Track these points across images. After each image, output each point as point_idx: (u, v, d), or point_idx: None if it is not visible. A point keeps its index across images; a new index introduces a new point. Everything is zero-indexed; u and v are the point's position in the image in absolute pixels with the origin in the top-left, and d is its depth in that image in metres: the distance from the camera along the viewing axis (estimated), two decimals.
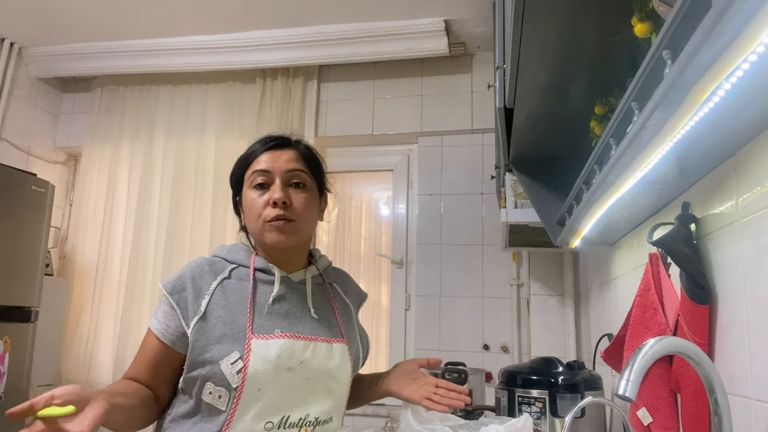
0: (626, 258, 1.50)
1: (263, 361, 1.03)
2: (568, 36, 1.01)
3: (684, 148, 0.80)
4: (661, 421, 1.04)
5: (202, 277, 1.10)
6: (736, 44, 0.53)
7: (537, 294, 2.54)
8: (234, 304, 1.08)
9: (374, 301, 3.05)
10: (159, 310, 1.10)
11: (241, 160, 1.18)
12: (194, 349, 1.04)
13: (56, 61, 3.21)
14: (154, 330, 1.08)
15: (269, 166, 1.12)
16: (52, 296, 2.84)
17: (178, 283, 1.09)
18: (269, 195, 1.10)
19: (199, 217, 3.06)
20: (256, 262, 1.14)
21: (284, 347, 1.05)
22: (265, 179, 1.12)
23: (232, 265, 1.14)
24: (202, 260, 1.14)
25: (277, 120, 3.05)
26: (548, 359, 1.63)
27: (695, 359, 0.74)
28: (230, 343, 1.03)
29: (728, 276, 0.88)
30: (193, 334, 1.04)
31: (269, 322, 1.08)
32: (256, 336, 1.05)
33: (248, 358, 1.02)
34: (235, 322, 1.06)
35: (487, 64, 2.95)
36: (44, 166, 3.30)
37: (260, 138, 1.20)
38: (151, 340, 1.08)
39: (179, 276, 1.10)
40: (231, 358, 1.02)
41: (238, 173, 1.18)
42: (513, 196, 1.85)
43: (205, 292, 1.08)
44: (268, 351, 1.04)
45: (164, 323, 1.07)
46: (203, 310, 1.06)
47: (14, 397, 2.47)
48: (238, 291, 1.10)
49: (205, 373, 1.03)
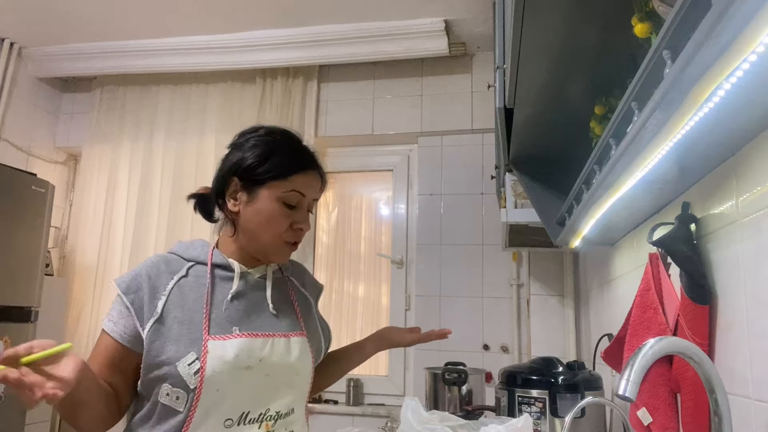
0: (626, 258, 1.50)
1: (221, 362, 1.02)
2: (568, 36, 1.01)
3: (684, 148, 0.80)
4: (661, 421, 1.04)
5: (159, 277, 1.07)
6: (736, 44, 0.53)
7: (537, 294, 2.54)
8: (191, 303, 1.06)
9: (374, 301, 3.05)
10: (113, 309, 1.06)
11: (282, 163, 1.10)
12: (150, 350, 1.02)
13: (56, 61, 3.21)
14: (109, 331, 1.04)
15: (306, 192, 1.12)
16: (52, 296, 2.84)
17: (134, 282, 1.06)
18: (295, 219, 1.11)
19: (198, 216, 3.04)
20: (215, 257, 1.12)
21: (242, 347, 1.04)
22: (297, 201, 1.11)
23: (189, 262, 1.11)
24: (159, 258, 1.11)
25: (277, 120, 3.05)
26: (548, 359, 1.63)
27: (695, 359, 0.74)
28: (186, 345, 1.02)
29: (728, 276, 0.88)
30: (148, 336, 1.02)
31: (227, 320, 1.07)
32: (213, 337, 1.03)
33: (205, 359, 1.01)
34: (191, 323, 1.04)
35: (487, 64, 2.95)
36: (44, 166, 3.30)
37: (295, 141, 1.15)
38: (106, 340, 1.05)
39: (135, 275, 1.07)
40: (188, 359, 1.00)
41: (268, 170, 1.10)
42: (513, 196, 1.85)
43: (161, 293, 1.05)
44: (225, 352, 1.03)
45: (120, 323, 1.04)
46: (159, 312, 1.03)
47: (14, 397, 2.47)
48: (195, 289, 1.08)
49: (162, 374, 1.01)
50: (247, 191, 1.10)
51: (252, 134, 1.16)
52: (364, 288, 3.08)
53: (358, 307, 3.06)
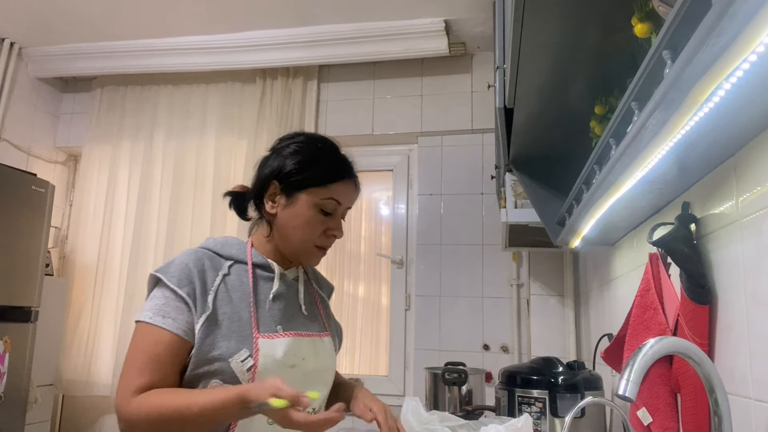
0: (626, 258, 1.50)
1: (271, 360, 1.05)
2: (568, 36, 1.01)
3: (684, 148, 0.80)
4: (661, 421, 1.04)
5: (206, 272, 1.08)
6: (736, 44, 0.53)
7: (537, 294, 2.54)
8: (237, 301, 1.08)
9: (374, 301, 3.04)
10: (166, 304, 1.03)
11: (323, 171, 1.13)
12: (202, 346, 1.02)
13: (56, 61, 3.21)
14: (170, 327, 1.01)
15: (342, 201, 1.15)
16: (52, 296, 2.84)
17: (184, 275, 1.05)
18: (329, 225, 1.14)
19: (199, 216, 3.06)
20: (254, 257, 1.14)
21: (289, 345, 1.08)
22: (333, 209, 1.14)
23: (229, 260, 1.13)
24: (200, 253, 1.11)
25: (277, 120, 3.05)
26: (548, 359, 1.63)
27: (695, 359, 0.74)
28: (238, 341, 1.04)
29: (728, 276, 0.88)
30: (201, 330, 1.02)
31: (271, 319, 1.10)
32: (262, 335, 1.06)
33: (257, 356, 1.03)
34: (240, 320, 1.06)
35: (487, 64, 2.95)
36: (44, 166, 3.30)
37: (335, 150, 1.18)
38: (166, 337, 1.01)
39: (182, 268, 1.06)
40: (240, 356, 1.02)
41: (309, 176, 1.12)
42: (513, 196, 1.85)
43: (210, 288, 1.06)
44: (274, 350, 1.06)
45: (180, 319, 1.02)
46: (211, 307, 1.04)
47: (14, 397, 2.47)
48: (239, 287, 1.10)
49: (213, 369, 1.02)
50: (286, 195, 1.13)
51: (292, 140, 1.18)
52: (364, 288, 3.08)
53: (358, 307, 3.06)
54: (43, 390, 2.76)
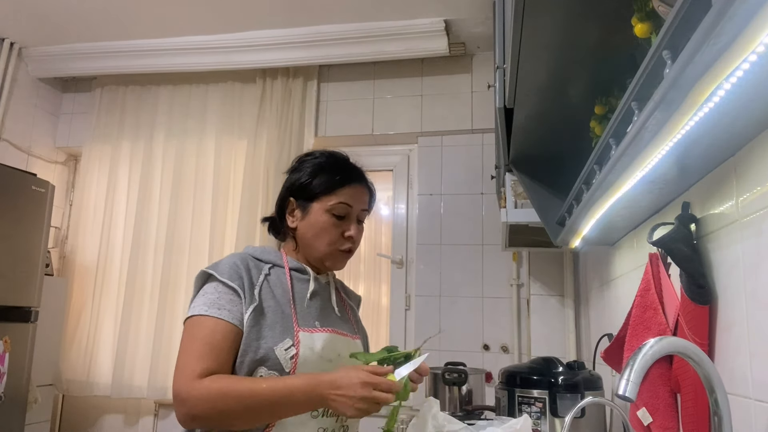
0: (626, 258, 1.50)
1: (311, 352, 1.11)
2: (568, 36, 1.01)
3: (684, 148, 0.80)
4: (661, 421, 1.04)
5: (251, 270, 1.15)
6: (736, 44, 0.53)
7: (537, 294, 2.54)
8: (279, 297, 1.15)
9: (374, 301, 3.04)
10: (220, 297, 1.09)
11: (329, 180, 1.21)
12: (250, 333, 1.08)
13: (56, 61, 3.21)
14: (227, 318, 1.07)
15: (352, 203, 1.22)
16: (52, 296, 2.84)
17: (233, 271, 1.12)
18: (344, 228, 1.22)
19: (199, 216, 3.06)
20: (290, 262, 1.22)
21: (327, 340, 1.15)
22: (345, 212, 1.22)
23: (268, 264, 1.20)
24: (244, 255, 1.19)
25: (277, 120, 3.05)
26: (548, 359, 1.63)
27: (695, 359, 0.74)
28: (281, 332, 1.10)
29: (728, 276, 0.88)
30: (249, 319, 1.09)
31: (309, 315, 1.17)
32: (302, 329, 1.13)
33: (298, 347, 1.10)
34: (283, 314, 1.13)
35: (487, 64, 2.95)
36: (44, 166, 3.30)
37: (341, 160, 1.27)
38: (225, 327, 1.07)
39: (231, 265, 1.13)
40: (285, 345, 1.09)
41: (317, 186, 1.21)
42: (513, 196, 1.85)
43: (256, 284, 1.14)
44: (314, 343, 1.13)
45: (234, 310, 1.09)
46: (257, 299, 1.11)
47: (14, 397, 2.47)
48: (279, 286, 1.17)
49: (260, 357, 1.07)
50: (301, 208, 1.23)
51: (306, 158, 1.29)
52: (364, 288, 3.07)
53: None
54: (43, 390, 2.76)
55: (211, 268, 1.13)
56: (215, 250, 2.97)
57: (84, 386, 3.00)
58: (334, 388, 0.99)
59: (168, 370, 2.92)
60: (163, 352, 2.93)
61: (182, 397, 1.01)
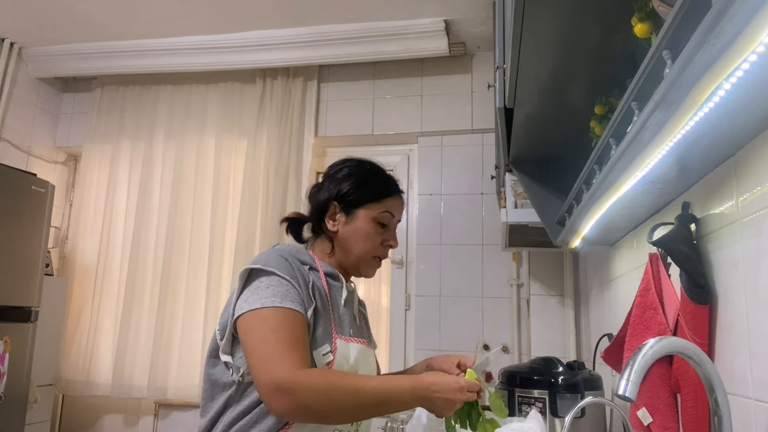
0: (626, 258, 1.50)
1: (345, 361, 1.13)
2: (568, 36, 1.01)
3: (684, 148, 0.80)
4: (661, 421, 1.04)
5: (301, 269, 1.15)
6: (736, 44, 0.53)
7: (537, 294, 2.54)
8: (320, 300, 1.15)
9: (374, 301, 3.04)
10: (288, 291, 1.08)
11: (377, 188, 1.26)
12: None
13: (56, 61, 3.21)
14: (299, 309, 1.07)
15: (395, 213, 1.28)
16: (52, 296, 2.84)
17: (289, 269, 1.11)
18: (386, 237, 1.26)
19: (199, 216, 3.06)
20: (324, 267, 1.23)
21: (360, 352, 1.17)
22: (388, 221, 1.26)
23: (305, 265, 1.19)
24: (287, 253, 1.16)
25: (277, 120, 3.05)
26: (548, 359, 1.63)
27: (695, 359, 0.74)
28: (322, 336, 1.12)
29: (728, 276, 0.88)
30: (309, 319, 1.10)
31: (344, 322, 1.19)
32: (340, 336, 1.15)
33: (335, 354, 1.12)
34: (325, 317, 1.14)
35: (487, 64, 2.95)
36: (44, 166, 3.30)
37: (383, 170, 1.33)
38: (299, 319, 1.06)
39: (284, 263, 1.11)
40: (323, 350, 1.11)
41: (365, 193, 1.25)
42: (513, 196, 1.85)
43: (308, 283, 1.14)
44: (348, 353, 1.15)
45: (303, 303, 1.09)
46: (313, 300, 1.12)
47: (14, 397, 2.47)
48: (318, 288, 1.17)
49: None
50: (345, 213, 1.25)
51: (344, 165, 1.31)
52: (364, 288, 3.07)
53: None
54: (43, 390, 2.76)
55: (267, 265, 1.09)
56: (215, 250, 2.97)
57: (84, 386, 3.00)
58: (436, 391, 1.03)
59: (168, 370, 2.92)
60: (163, 352, 2.93)
61: (288, 386, 0.98)
